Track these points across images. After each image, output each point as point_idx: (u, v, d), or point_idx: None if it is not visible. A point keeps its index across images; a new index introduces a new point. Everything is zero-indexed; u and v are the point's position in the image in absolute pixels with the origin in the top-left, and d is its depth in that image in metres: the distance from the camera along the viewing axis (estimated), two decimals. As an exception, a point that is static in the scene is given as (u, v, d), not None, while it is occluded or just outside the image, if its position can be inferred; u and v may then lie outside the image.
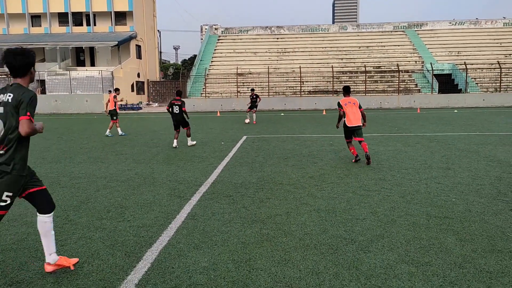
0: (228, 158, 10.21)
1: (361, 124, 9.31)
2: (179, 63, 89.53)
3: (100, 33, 45.76)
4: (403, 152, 10.53)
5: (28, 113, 3.42)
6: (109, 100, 16.47)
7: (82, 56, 46.66)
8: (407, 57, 43.18)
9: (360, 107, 9.40)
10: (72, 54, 45.99)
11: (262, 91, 38.07)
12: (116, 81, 39.96)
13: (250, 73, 40.75)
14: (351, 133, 9.37)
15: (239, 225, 5.11)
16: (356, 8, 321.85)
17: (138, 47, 47.19)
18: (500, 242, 4.41)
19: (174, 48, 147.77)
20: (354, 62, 42.60)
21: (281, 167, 8.90)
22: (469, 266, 3.85)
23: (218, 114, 29.11)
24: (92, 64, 45.98)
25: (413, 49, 44.50)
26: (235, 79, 37.80)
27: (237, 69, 38.74)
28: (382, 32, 48.93)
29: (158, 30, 56.45)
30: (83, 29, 46.73)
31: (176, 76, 62.79)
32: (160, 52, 62.71)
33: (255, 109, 21.18)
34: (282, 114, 28.66)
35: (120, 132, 16.05)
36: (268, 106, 34.47)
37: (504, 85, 36.75)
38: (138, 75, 46.26)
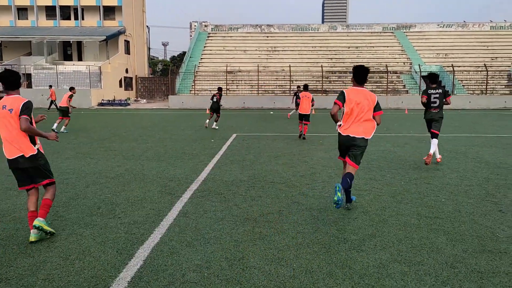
0: (218, 155, 10.18)
1: (309, 113, 13.82)
2: (168, 59, 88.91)
3: (88, 27, 45.16)
4: (393, 153, 10.62)
5: None
6: (64, 99, 16.16)
7: (69, 50, 46.00)
8: (395, 58, 43.55)
9: (312, 100, 14.24)
10: (59, 48, 45.31)
11: (252, 89, 38.04)
12: (104, 76, 39.53)
13: (239, 71, 40.67)
14: (301, 116, 13.83)
15: (231, 223, 5.09)
16: (345, 8, 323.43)
17: (127, 43, 46.70)
18: (490, 243, 4.47)
19: (163, 44, 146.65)
20: (343, 62, 42.80)
21: (272, 165, 8.90)
22: (460, 266, 3.89)
23: (208, 112, 28.98)
24: (80, 59, 45.36)
25: (402, 50, 44.91)
26: (225, 77, 37.69)
27: (226, 66, 38.63)
28: (371, 32, 49.25)
29: (147, 26, 56.00)
30: (71, 23, 46.05)
31: (165, 73, 62.34)
32: (149, 48, 62.22)
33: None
34: (272, 112, 28.68)
35: (55, 126, 15.49)
36: (257, 105, 34.45)
37: (490, 88, 37.31)
38: (127, 71, 45.80)
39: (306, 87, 14.71)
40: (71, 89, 16.94)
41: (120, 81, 44.16)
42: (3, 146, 4.51)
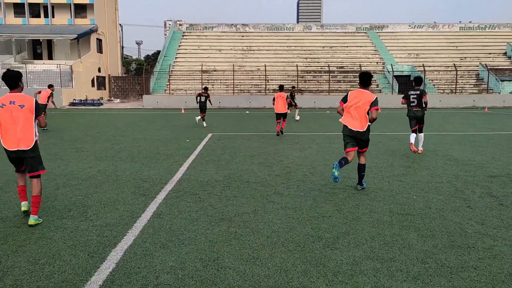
0: (193, 155, 10.10)
1: (285, 111, 14.55)
2: (142, 58, 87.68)
3: (59, 25, 44.00)
4: (366, 151, 10.76)
5: None
6: (42, 96, 16.92)
7: (39, 49, 44.74)
8: (369, 58, 44.29)
9: (287, 98, 14.88)
10: (29, 47, 44.03)
11: (227, 88, 37.96)
12: (76, 75, 38.66)
13: (215, 70, 40.51)
14: (278, 116, 14.57)
15: (206, 224, 5.06)
16: (320, 8, 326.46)
17: (99, 41, 45.79)
18: (459, 238, 4.59)
19: (136, 43, 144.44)
20: (318, 62, 43.24)
21: (248, 165, 8.90)
22: (430, 261, 3.98)
23: (183, 111, 28.76)
24: (50, 58, 44.19)
25: (375, 50, 45.70)
26: (200, 76, 37.47)
27: (201, 66, 38.43)
28: (345, 32, 49.93)
29: (120, 24, 55.02)
30: (41, 21, 44.79)
31: (139, 72, 61.44)
32: (122, 46, 61.17)
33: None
34: (247, 112, 28.68)
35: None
36: (233, 104, 34.40)
37: (459, 87, 38.43)
38: (99, 70, 44.92)
39: (281, 88, 15.44)
40: (50, 86, 17.35)
41: (93, 80, 43.27)
42: (3, 137, 4.99)
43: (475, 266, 3.89)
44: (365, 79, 6.64)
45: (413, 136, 10.38)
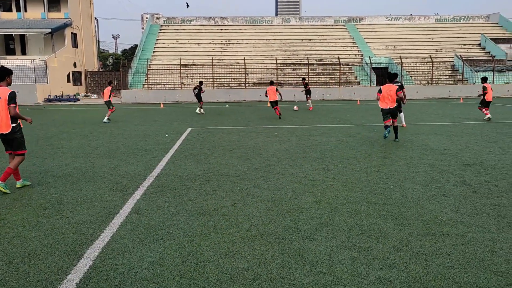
0: (172, 150, 10.03)
1: (277, 99, 17.84)
2: (119, 53, 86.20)
3: (32, 19, 42.81)
4: (345, 143, 10.90)
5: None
6: (103, 92, 19.41)
7: (12, 44, 43.49)
8: (347, 50, 44.60)
9: (277, 90, 17.88)
10: (1, 42, 42.76)
11: (206, 82, 37.69)
12: (50, 71, 37.77)
13: (194, 64, 40.15)
14: (273, 104, 18.04)
15: (185, 218, 5.04)
16: (298, 0, 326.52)
17: (74, 35, 44.76)
18: (434, 226, 4.70)
19: (113, 37, 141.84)
20: (297, 55, 43.32)
21: (227, 159, 8.89)
22: (406, 249, 4.07)
23: (162, 106, 28.46)
24: (24, 53, 43.02)
25: (353, 42, 46.04)
26: (179, 70, 37.11)
27: (180, 60, 38.01)
28: (323, 25, 50.10)
29: (96, 18, 53.95)
30: (13, 15, 43.49)
31: (116, 67, 60.41)
32: (98, 41, 60.00)
33: (309, 96, 23.34)
34: (227, 105, 28.58)
35: (106, 119, 17.93)
36: (212, 98, 34.21)
37: (435, 78, 39.12)
38: (75, 65, 43.97)
39: (272, 83, 18.59)
40: (110, 83, 19.70)
41: (68, 75, 42.35)
42: None
43: (449, 252, 3.99)
44: (390, 76, 10.86)
45: (403, 117, 13.89)
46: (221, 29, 48.58)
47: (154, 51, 43.20)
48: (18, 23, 41.72)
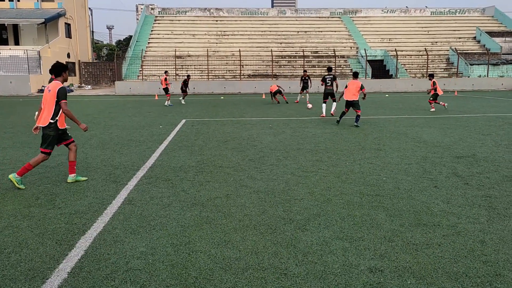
0: (166, 141, 10.00)
1: (280, 90, 21.22)
2: (114, 43, 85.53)
3: (25, 9, 42.28)
4: (339, 135, 10.92)
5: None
6: (161, 81, 21.94)
7: (4, 34, 42.94)
8: (343, 42, 44.52)
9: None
10: (-7, 31, 42.23)
11: (202, 74, 37.56)
12: (44, 61, 37.39)
13: (189, 56, 39.94)
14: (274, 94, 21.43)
15: (178, 209, 5.04)
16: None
17: (68, 26, 44.30)
18: (425, 217, 4.73)
19: (107, 28, 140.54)
20: (292, 47, 43.20)
21: (221, 150, 8.88)
22: (397, 240, 4.10)
23: (156, 98, 28.33)
24: (17, 43, 42.51)
25: (349, 35, 45.95)
26: (174, 62, 36.90)
27: (175, 51, 37.80)
28: (319, 17, 49.94)
29: (90, 8, 53.36)
30: (5, 4, 42.89)
31: (110, 57, 59.94)
32: (92, 31, 59.36)
33: (307, 90, 22.74)
34: (222, 97, 28.50)
35: (167, 103, 21.08)
36: (207, 90, 34.09)
37: (430, 71, 39.13)
38: (68, 56, 43.58)
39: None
40: (165, 72, 22.63)
41: (62, 66, 41.92)
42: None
43: (440, 243, 4.02)
44: (355, 74, 13.12)
45: (324, 106, 15.51)
46: (217, 20, 48.30)
47: (148, 42, 42.91)
48: (11, 12, 41.20)
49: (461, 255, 3.76)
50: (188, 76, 24.73)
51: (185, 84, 23.31)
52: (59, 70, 6.06)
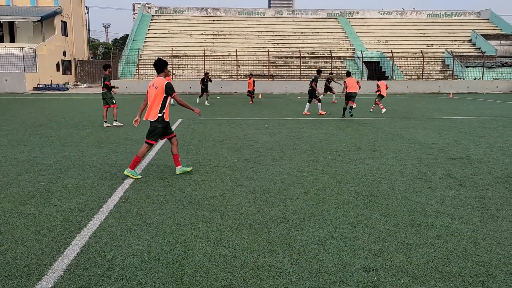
0: (163, 141, 9.97)
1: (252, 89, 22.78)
2: (110, 42, 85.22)
3: (21, 6, 42.08)
4: (335, 135, 10.97)
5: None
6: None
7: (0, 31, 42.76)
8: (339, 44, 44.65)
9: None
10: (-11, 29, 41.98)
11: (198, 73, 37.53)
12: (40, 59, 37.25)
13: (185, 55, 39.92)
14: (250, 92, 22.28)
15: (174, 207, 5.06)
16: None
17: (64, 24, 44.12)
18: (419, 217, 4.78)
19: (104, 26, 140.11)
20: (289, 47, 43.27)
21: (217, 149, 8.90)
22: (391, 239, 4.14)
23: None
24: (12, 41, 42.27)
25: (345, 36, 46.10)
26: (170, 61, 36.83)
27: (172, 50, 37.77)
28: (316, 18, 50.06)
29: (86, 6, 53.19)
30: (1, 1, 42.63)
31: (106, 56, 59.76)
32: (89, 30, 59.17)
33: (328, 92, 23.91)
34: (218, 97, 28.49)
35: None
36: (204, 89, 34.04)
37: (426, 73, 39.38)
38: (64, 54, 43.40)
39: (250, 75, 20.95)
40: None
41: (58, 64, 41.81)
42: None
43: (433, 243, 4.07)
44: (348, 73, 15.51)
45: (307, 106, 16.72)
46: (213, 20, 48.30)
47: (145, 41, 42.85)
48: (6, 10, 40.99)
49: (454, 255, 3.80)
50: (206, 73, 22.81)
51: (203, 83, 22.31)
52: (161, 66, 6.39)
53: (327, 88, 23.56)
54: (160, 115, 6.34)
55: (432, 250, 3.90)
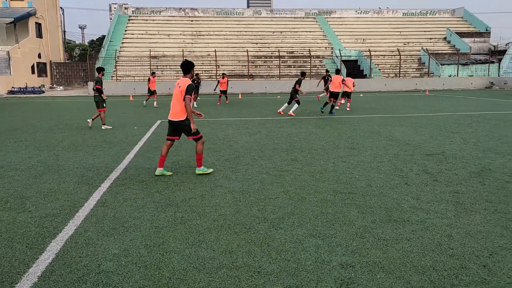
0: (141, 143, 9.90)
1: (226, 89, 22.09)
2: (86, 43, 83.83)
3: (-7, 8, 41.04)
4: (314, 134, 11.05)
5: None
6: (151, 82, 20.74)
7: (-29, 33, 41.54)
8: (318, 43, 44.97)
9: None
10: (-41, 31, 40.75)
11: (177, 74, 37.24)
12: (14, 62, 36.38)
13: (164, 56, 39.57)
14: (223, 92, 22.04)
15: (152, 210, 5.01)
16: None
17: (38, 25, 43.19)
18: (396, 213, 4.86)
19: (80, 27, 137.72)
20: (268, 47, 43.36)
21: (196, 150, 8.84)
22: (368, 236, 4.19)
23: (131, 99, 27.95)
24: (-16, 43, 41.19)
25: (323, 35, 46.46)
26: (149, 62, 36.49)
27: (150, 51, 37.39)
28: (294, 18, 50.31)
29: (61, 7, 52.19)
30: (-28, 2, 41.54)
31: (83, 58, 58.71)
32: (64, 31, 58.06)
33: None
34: (198, 98, 28.31)
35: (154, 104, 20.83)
36: (183, 90, 33.81)
37: (403, 71, 40.03)
38: (39, 56, 42.50)
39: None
40: (153, 73, 21.44)
41: (33, 67, 40.91)
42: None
43: (409, 238, 4.14)
44: (339, 71, 16.71)
45: (285, 105, 16.35)
46: (192, 20, 48.02)
47: (122, 42, 42.29)
48: (-23, 11, 39.87)
49: (429, 249, 3.88)
50: (197, 74, 22.59)
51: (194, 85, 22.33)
52: (188, 68, 6.61)
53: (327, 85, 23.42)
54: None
55: (408, 245, 3.97)
